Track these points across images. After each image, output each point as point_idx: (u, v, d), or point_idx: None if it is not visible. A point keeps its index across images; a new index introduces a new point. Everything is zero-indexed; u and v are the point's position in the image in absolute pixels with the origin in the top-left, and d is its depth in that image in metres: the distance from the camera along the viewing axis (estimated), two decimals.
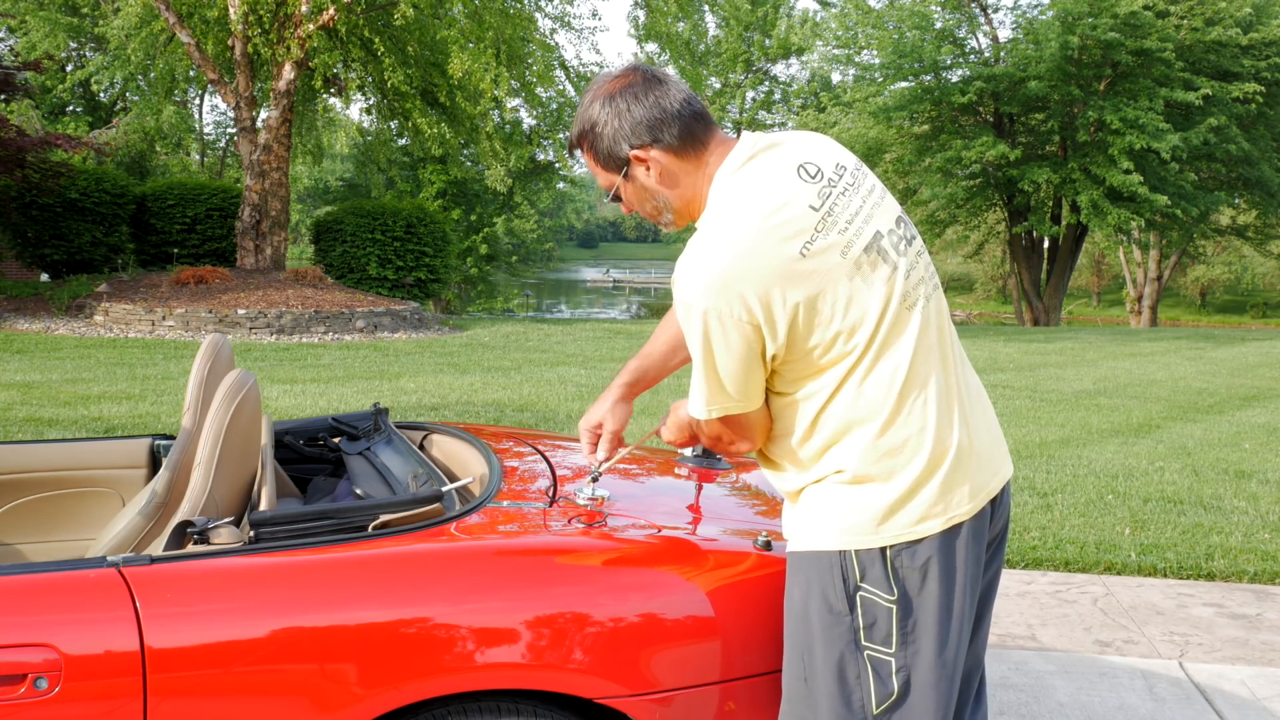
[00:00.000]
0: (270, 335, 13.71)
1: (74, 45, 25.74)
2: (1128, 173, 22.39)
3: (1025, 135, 26.67)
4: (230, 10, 15.44)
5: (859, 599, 1.79)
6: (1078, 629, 4.00)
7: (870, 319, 1.76)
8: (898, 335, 1.78)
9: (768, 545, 2.10)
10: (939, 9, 26.39)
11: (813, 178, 1.78)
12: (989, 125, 25.96)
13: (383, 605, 1.82)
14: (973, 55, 26.85)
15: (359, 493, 2.52)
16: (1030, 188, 24.29)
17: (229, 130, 32.34)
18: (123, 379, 9.40)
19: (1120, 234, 25.31)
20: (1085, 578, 4.61)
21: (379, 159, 23.88)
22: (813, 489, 1.85)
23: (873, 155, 26.85)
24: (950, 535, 1.81)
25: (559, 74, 19.39)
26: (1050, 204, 26.73)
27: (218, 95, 20.00)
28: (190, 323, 13.72)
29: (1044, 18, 24.63)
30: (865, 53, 27.79)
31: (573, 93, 20.91)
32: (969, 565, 1.84)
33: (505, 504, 2.18)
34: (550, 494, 2.25)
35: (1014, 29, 27.68)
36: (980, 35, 27.36)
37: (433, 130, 17.76)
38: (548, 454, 2.68)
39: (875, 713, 1.79)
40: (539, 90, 18.28)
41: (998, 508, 1.93)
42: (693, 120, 1.83)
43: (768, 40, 39.08)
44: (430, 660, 1.81)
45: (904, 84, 26.19)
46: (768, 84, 40.95)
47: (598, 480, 2.27)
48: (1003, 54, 26.01)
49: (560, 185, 40.11)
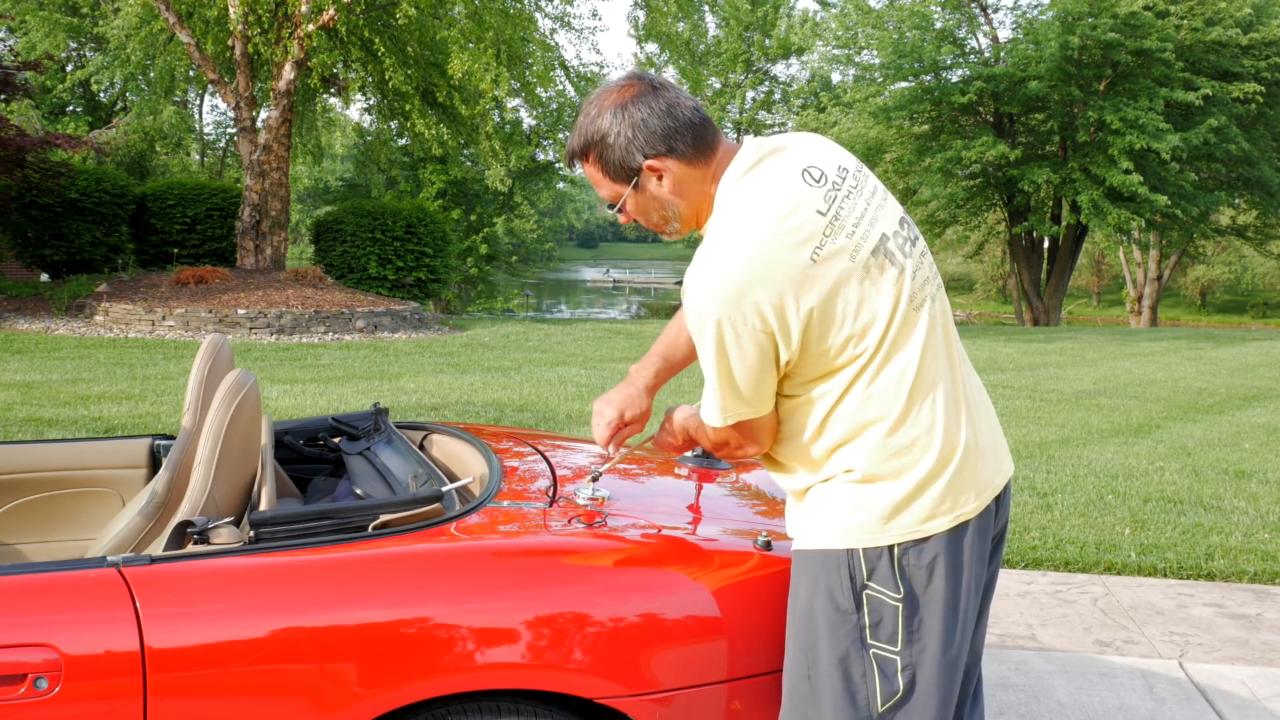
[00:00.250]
0: (270, 335, 13.71)
1: (74, 45, 25.75)
2: (1128, 173, 22.38)
3: (1025, 135, 26.66)
4: (230, 10, 15.44)
5: (865, 597, 1.80)
6: (1078, 629, 4.00)
7: (880, 321, 1.76)
8: (906, 336, 1.79)
9: (768, 545, 2.10)
10: (939, 9, 26.37)
11: (817, 181, 1.78)
12: (989, 125, 25.96)
13: (383, 605, 1.82)
14: (973, 55, 26.84)
15: (359, 493, 2.52)
16: (1030, 188, 24.29)
17: (229, 130, 32.36)
18: (123, 379, 9.40)
19: (1120, 234, 25.31)
20: (1085, 578, 4.61)
21: (379, 159, 23.88)
22: (820, 487, 1.86)
23: (873, 155, 26.84)
24: (957, 533, 1.82)
25: (559, 74, 19.40)
26: (1050, 204, 26.72)
27: (218, 95, 20.01)
28: (190, 323, 13.72)
29: (1044, 18, 24.62)
30: (865, 53, 27.78)
31: (573, 93, 20.90)
32: (974, 564, 1.85)
33: (505, 504, 2.18)
34: (550, 494, 2.25)
35: (1014, 29, 27.68)
36: (980, 35, 27.36)
37: (432, 131, 17.76)
38: (548, 454, 2.68)
39: (880, 710, 1.80)
40: (539, 90, 18.28)
41: (1000, 505, 1.94)
42: (702, 128, 1.82)
43: (768, 40, 39.09)
44: (430, 660, 1.81)
45: (904, 84, 26.18)
46: (768, 84, 40.97)
47: (598, 480, 2.27)
48: (1003, 54, 26.00)
49: (560, 185, 40.16)
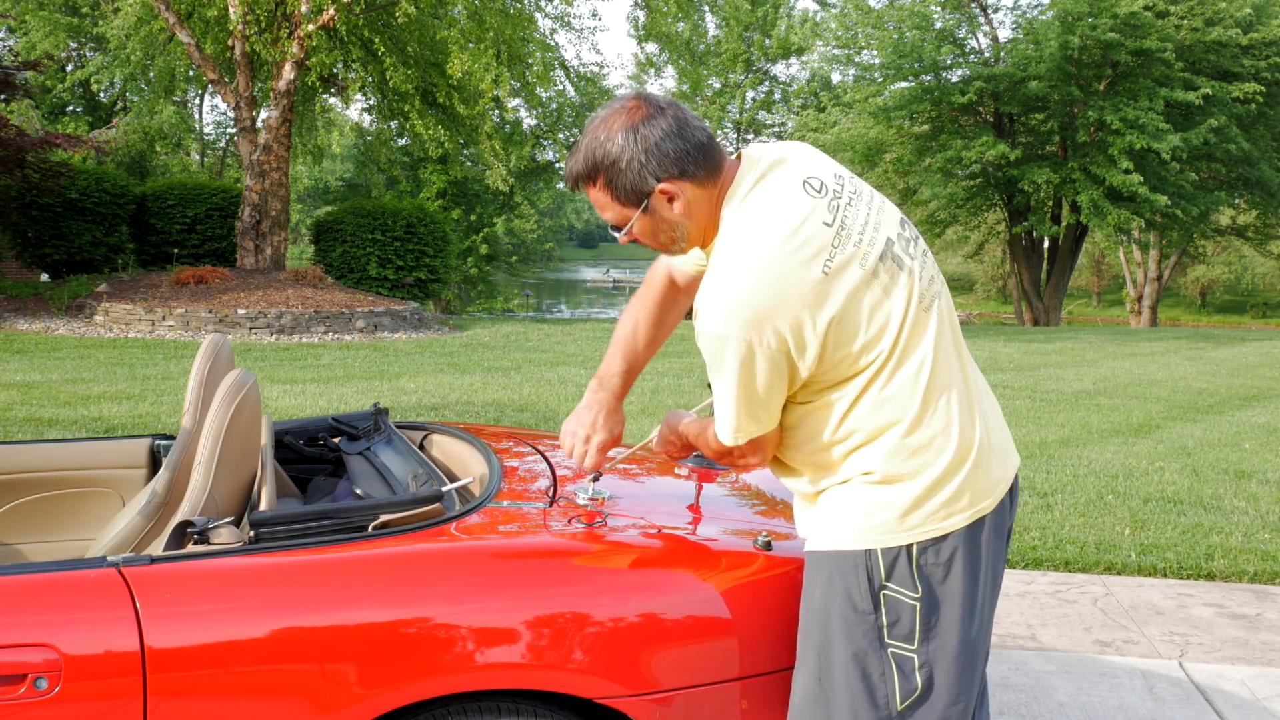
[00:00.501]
0: (270, 335, 13.71)
1: (74, 45, 25.74)
2: (1128, 173, 22.37)
3: (1025, 135, 26.65)
4: (230, 10, 15.44)
5: (883, 598, 1.80)
6: (1078, 629, 4.00)
7: (894, 324, 1.77)
8: (918, 337, 1.80)
9: (768, 545, 2.10)
10: (939, 9, 26.36)
11: (819, 192, 1.78)
12: (989, 125, 25.95)
13: (383, 605, 1.82)
14: (973, 55, 26.83)
15: (359, 493, 2.52)
16: (1030, 188, 24.28)
17: (229, 130, 32.34)
18: (123, 379, 9.40)
19: (1120, 234, 25.29)
20: (1085, 578, 4.61)
21: (379, 159, 23.88)
22: (837, 489, 1.86)
23: (873, 155, 26.85)
24: (975, 529, 1.82)
25: (559, 74, 19.40)
26: (1050, 204, 26.71)
27: (218, 95, 20.01)
28: (190, 323, 13.72)
29: (1044, 18, 24.61)
30: (865, 53, 27.76)
31: (572, 93, 20.90)
32: (991, 559, 1.85)
33: (505, 504, 2.18)
34: (550, 494, 2.25)
35: (1014, 29, 27.67)
36: (980, 35, 27.35)
37: (431, 132, 17.76)
38: (548, 454, 2.68)
39: (900, 708, 1.79)
40: (539, 90, 18.28)
41: (1013, 499, 1.95)
42: (711, 147, 1.80)
43: (768, 40, 39.04)
44: (430, 660, 1.81)
45: (904, 84, 26.17)
46: (768, 84, 40.91)
47: (598, 480, 2.27)
48: (1003, 54, 25.99)
49: (560, 185, 40.11)
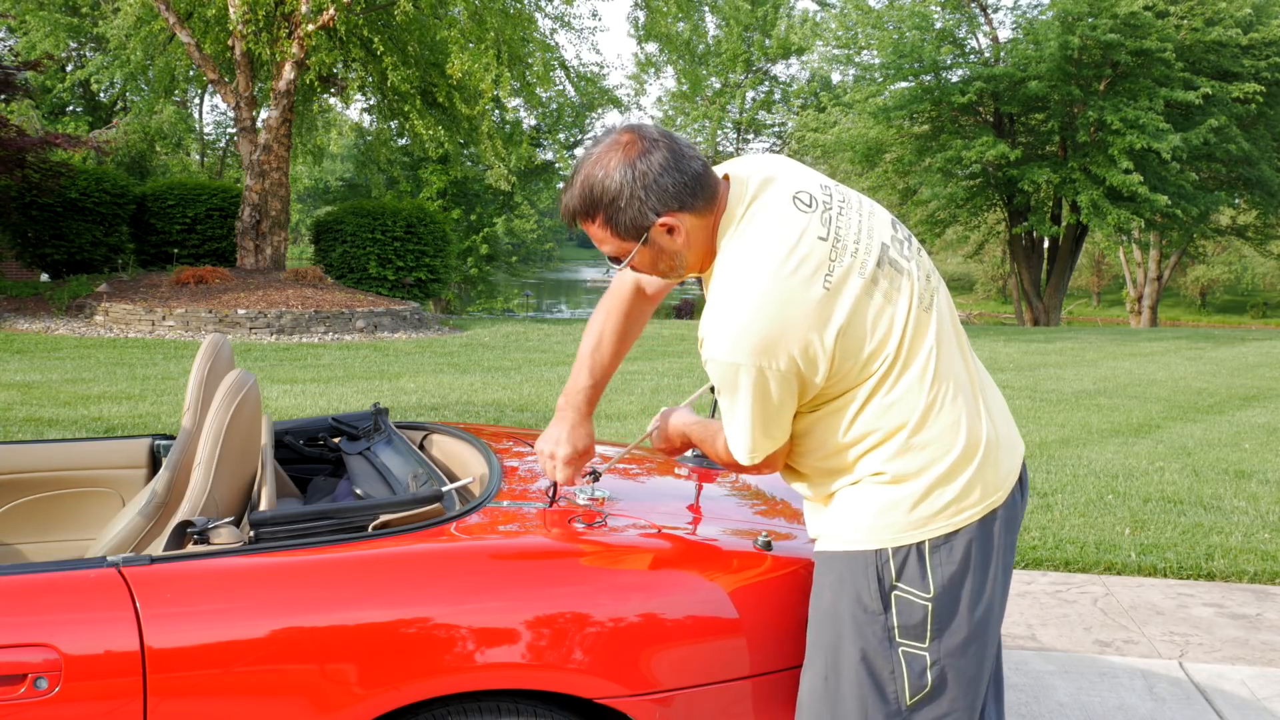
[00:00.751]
0: (270, 335, 13.71)
1: (74, 45, 25.74)
2: (1128, 173, 22.37)
3: (1025, 135, 26.65)
4: (230, 10, 15.44)
5: (894, 598, 1.80)
6: (1078, 629, 4.00)
7: (897, 328, 1.78)
8: (921, 337, 1.81)
9: (768, 545, 2.09)
10: (939, 9, 26.36)
11: (809, 206, 1.78)
12: (989, 125, 25.95)
13: (383, 605, 1.82)
14: (973, 55, 26.83)
15: (359, 493, 2.52)
16: (1030, 188, 24.28)
17: (229, 130, 32.34)
18: (123, 379, 9.40)
19: (1120, 234, 25.29)
20: (1085, 578, 4.61)
21: (379, 159, 23.88)
22: (847, 490, 1.86)
23: (873, 155, 26.85)
24: (987, 523, 1.83)
25: (559, 74, 19.39)
26: (1050, 204, 26.71)
27: (218, 95, 20.00)
28: (190, 323, 13.71)
29: (1044, 18, 24.61)
30: (865, 53, 27.76)
31: (572, 93, 20.88)
32: (1003, 553, 1.85)
33: (505, 504, 2.18)
34: (550, 494, 2.25)
35: (1014, 29, 27.67)
36: (980, 35, 27.35)
37: (431, 132, 17.75)
38: None
39: (909, 703, 1.80)
40: (539, 90, 18.28)
41: (1023, 491, 1.95)
42: (706, 176, 1.79)
43: (768, 40, 39.03)
44: (430, 660, 1.81)
45: (904, 84, 26.17)
46: (768, 84, 40.91)
47: (598, 480, 2.27)
48: (1003, 54, 25.99)
49: (560, 185, 40.04)
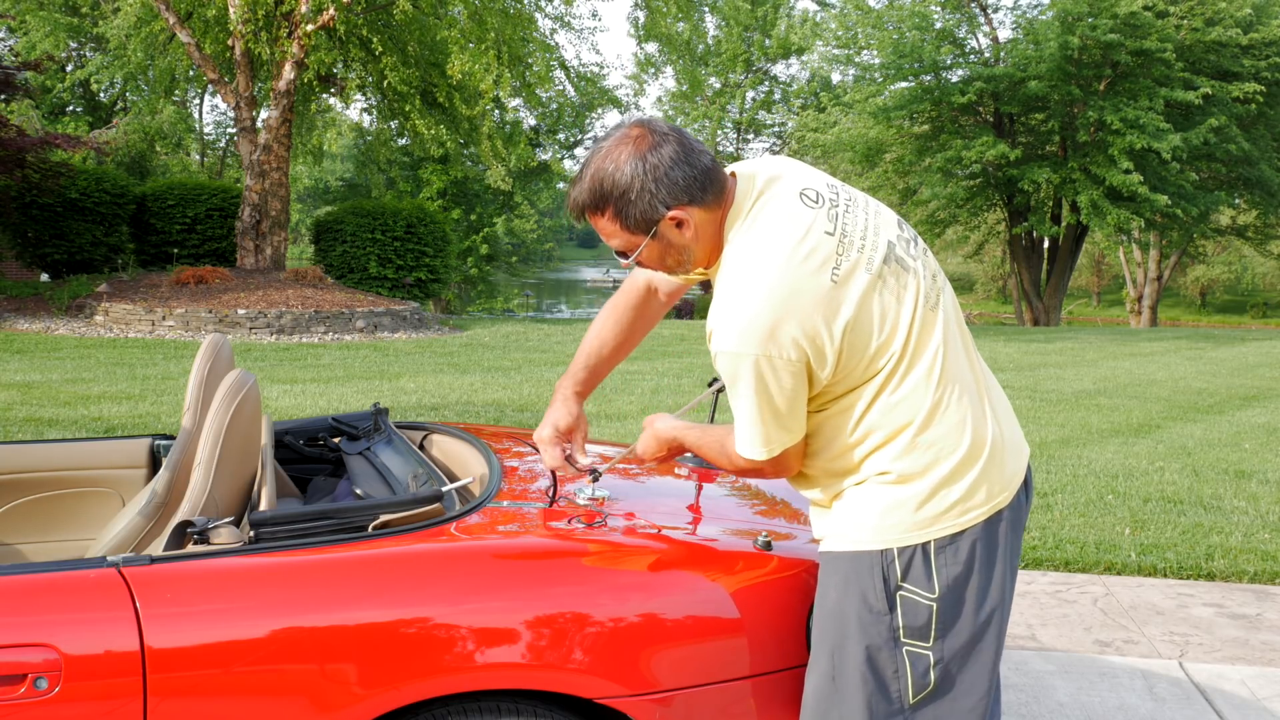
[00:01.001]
0: (270, 335, 13.71)
1: (74, 45, 25.73)
2: (1128, 173, 22.36)
3: (1025, 135, 26.64)
4: (230, 10, 15.44)
5: (899, 598, 1.80)
6: (1078, 629, 4.00)
7: (903, 326, 1.78)
8: (928, 336, 1.81)
9: (768, 545, 2.09)
10: (939, 9, 26.35)
11: (816, 203, 1.79)
12: (989, 125, 25.94)
13: (383, 605, 1.82)
14: (973, 55, 26.82)
15: (359, 493, 2.52)
16: (1030, 188, 24.27)
17: (229, 130, 32.34)
18: (123, 379, 9.40)
19: (1120, 234, 25.29)
20: (1085, 578, 4.61)
21: (379, 159, 23.88)
22: (853, 490, 1.86)
23: (873, 155, 26.84)
24: (992, 523, 1.83)
25: (559, 74, 19.39)
26: (1050, 204, 26.70)
27: (218, 95, 20.00)
28: (190, 323, 13.71)
29: (1044, 18, 24.61)
30: (865, 53, 27.75)
31: (572, 93, 20.87)
32: (1009, 554, 1.85)
33: (505, 504, 2.18)
34: (550, 494, 2.25)
35: (1014, 29, 27.66)
36: (980, 35, 27.34)
37: (431, 132, 17.75)
38: None
39: (912, 701, 1.80)
40: (539, 90, 18.29)
41: (1028, 491, 1.95)
42: (716, 170, 1.81)
43: (768, 40, 39.04)
44: (430, 660, 1.81)
45: (904, 84, 26.15)
46: (768, 84, 40.92)
47: (598, 480, 2.27)
48: (1003, 54, 25.98)
49: (560, 185, 40.09)
